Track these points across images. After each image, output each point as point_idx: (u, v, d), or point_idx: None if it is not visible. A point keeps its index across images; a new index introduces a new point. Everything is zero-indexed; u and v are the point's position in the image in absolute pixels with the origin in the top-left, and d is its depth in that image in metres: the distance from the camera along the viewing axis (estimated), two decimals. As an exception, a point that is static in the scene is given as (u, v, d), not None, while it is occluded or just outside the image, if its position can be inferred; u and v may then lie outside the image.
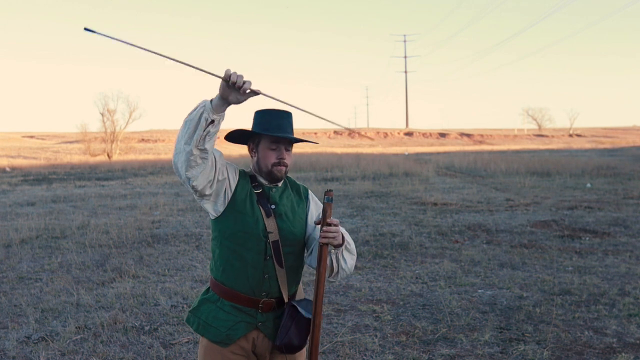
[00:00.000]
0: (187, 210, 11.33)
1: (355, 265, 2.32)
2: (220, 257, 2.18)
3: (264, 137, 2.17)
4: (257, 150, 2.20)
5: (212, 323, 2.16)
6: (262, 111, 2.20)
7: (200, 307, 2.21)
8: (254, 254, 2.13)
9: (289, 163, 2.19)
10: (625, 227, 8.91)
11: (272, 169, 2.16)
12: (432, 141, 75.39)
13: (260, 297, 2.15)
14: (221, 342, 2.14)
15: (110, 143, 40.65)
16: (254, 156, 2.22)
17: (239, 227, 2.12)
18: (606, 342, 4.22)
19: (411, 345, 4.20)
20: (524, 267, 6.47)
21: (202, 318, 2.19)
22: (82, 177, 21.90)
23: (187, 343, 4.28)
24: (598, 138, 74.91)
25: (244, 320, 2.15)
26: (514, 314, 4.85)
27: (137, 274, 6.28)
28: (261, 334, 2.17)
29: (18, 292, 5.67)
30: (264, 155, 2.17)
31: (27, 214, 10.99)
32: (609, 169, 20.55)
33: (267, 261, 2.14)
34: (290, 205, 2.23)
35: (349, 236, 2.23)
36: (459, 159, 28.38)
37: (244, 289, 2.14)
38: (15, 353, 4.11)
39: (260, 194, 2.18)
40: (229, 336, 2.13)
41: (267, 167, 2.16)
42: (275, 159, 2.16)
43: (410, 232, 8.62)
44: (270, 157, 2.16)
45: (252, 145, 2.22)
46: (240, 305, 2.14)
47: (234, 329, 2.14)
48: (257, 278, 2.13)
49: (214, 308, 2.17)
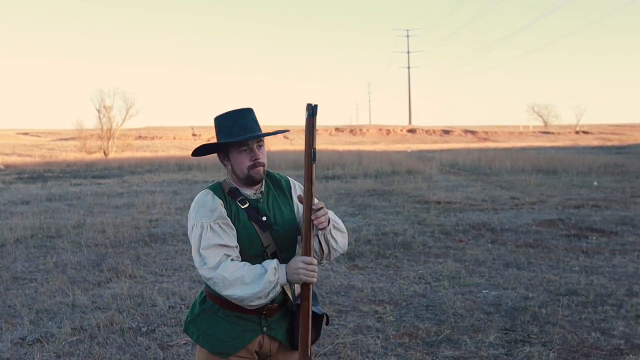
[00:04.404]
0: (185, 209, 11.25)
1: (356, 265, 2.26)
2: None
3: (231, 143, 2.07)
4: (229, 157, 2.11)
5: (213, 334, 2.09)
6: (221, 116, 2.10)
7: (200, 318, 2.14)
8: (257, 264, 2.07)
9: (264, 162, 2.10)
10: (633, 226, 8.80)
11: (250, 173, 2.07)
12: (435, 138, 75.29)
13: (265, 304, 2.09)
14: (223, 352, 2.08)
15: (106, 140, 40.16)
16: (227, 165, 2.13)
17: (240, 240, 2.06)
18: (613, 343, 4.14)
19: (414, 347, 4.13)
20: (530, 267, 6.38)
21: (202, 329, 2.12)
22: (77, 175, 21.81)
23: (185, 345, 4.22)
24: (605, 135, 74.58)
25: (249, 329, 2.10)
26: (519, 315, 4.76)
27: (134, 274, 6.21)
28: (266, 336, 2.13)
29: (12, 292, 5.61)
30: (236, 161, 2.08)
31: (22, 213, 10.90)
32: (616, 166, 20.41)
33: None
34: (278, 209, 2.15)
35: (334, 214, 2.17)
36: (462, 157, 28.26)
37: None
38: (9, 355, 4.06)
39: (249, 209, 2.09)
40: (233, 346, 2.08)
41: (244, 172, 2.08)
42: (250, 161, 2.06)
43: (413, 232, 8.53)
44: (244, 161, 2.07)
45: (222, 155, 2.14)
46: (244, 314, 2.08)
47: (239, 339, 2.09)
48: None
49: (216, 319, 2.10)
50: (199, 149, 2.15)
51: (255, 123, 2.10)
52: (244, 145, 2.07)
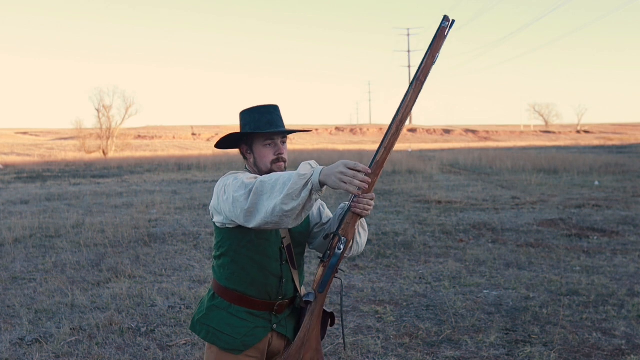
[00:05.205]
0: (184, 209, 11.25)
1: (357, 265, 2.24)
2: (234, 265, 2.08)
3: (257, 136, 2.09)
4: (252, 150, 2.12)
5: (225, 330, 2.07)
6: (248, 110, 2.12)
7: (210, 314, 2.11)
8: (273, 260, 2.08)
9: (286, 158, 2.12)
10: (634, 226, 8.78)
11: (272, 167, 2.09)
12: (436, 138, 75.28)
13: (276, 300, 2.10)
14: (235, 349, 2.06)
15: (106, 139, 40.03)
16: (250, 157, 2.14)
17: (260, 234, 2.04)
18: (615, 344, 4.12)
19: (415, 347, 4.11)
20: (531, 267, 6.36)
21: (212, 325, 2.09)
22: (77, 175, 21.77)
23: (185, 345, 4.20)
24: (606, 134, 74.51)
25: (260, 326, 2.09)
26: (520, 315, 4.74)
27: (133, 274, 6.18)
28: (275, 333, 2.13)
29: (11, 292, 5.58)
30: (260, 154, 2.10)
31: (21, 213, 10.88)
32: (617, 166, 20.38)
33: (283, 266, 2.10)
34: None
35: None
36: (463, 156, 28.24)
37: (260, 294, 2.08)
38: (8, 355, 4.03)
39: None
40: (244, 343, 2.07)
41: (267, 166, 2.09)
42: (274, 155, 2.09)
43: (414, 231, 8.51)
44: (268, 154, 2.09)
45: (246, 147, 2.14)
46: (255, 311, 2.08)
47: (251, 335, 2.07)
48: (275, 284, 2.09)
49: (226, 315, 2.09)
50: (224, 139, 2.15)
51: (281, 120, 2.13)
52: (269, 139, 2.09)
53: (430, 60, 1.88)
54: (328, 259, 1.98)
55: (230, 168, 24.16)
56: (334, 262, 1.97)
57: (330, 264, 1.98)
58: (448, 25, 1.89)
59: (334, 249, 1.97)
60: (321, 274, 1.99)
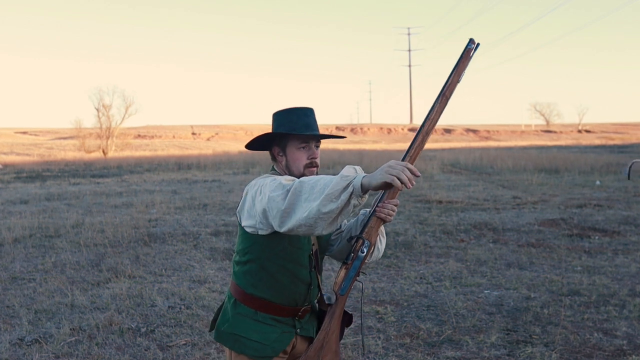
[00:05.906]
0: (184, 209, 11.24)
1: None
2: (263, 272, 2.04)
3: (291, 138, 2.05)
4: (285, 153, 2.08)
5: (254, 338, 2.05)
6: (284, 111, 2.08)
7: (236, 323, 2.07)
8: (303, 268, 2.07)
9: (319, 163, 2.10)
10: (635, 226, 8.76)
11: (304, 172, 2.05)
12: (436, 137, 75.21)
13: (302, 306, 2.10)
14: (265, 356, 2.05)
15: (105, 139, 39.87)
16: (282, 160, 2.10)
17: (293, 242, 2.02)
18: (616, 344, 4.11)
19: (415, 348, 4.10)
20: (532, 267, 6.34)
21: (240, 334, 2.06)
22: (76, 175, 21.76)
23: (185, 345, 4.19)
24: (608, 134, 74.44)
25: (285, 331, 2.09)
26: (521, 315, 4.73)
27: (133, 274, 6.17)
28: (299, 336, 2.13)
29: (11, 292, 5.57)
30: (293, 157, 2.06)
31: (20, 212, 10.86)
32: (619, 165, 20.34)
33: (312, 273, 2.09)
34: None
35: None
36: (464, 156, 28.23)
37: (287, 301, 2.07)
38: (7, 355, 4.03)
39: None
40: (273, 349, 2.05)
41: (300, 170, 2.06)
42: (307, 159, 2.06)
43: (415, 231, 8.49)
44: (301, 158, 2.06)
45: (278, 149, 2.10)
46: (280, 317, 2.07)
47: (279, 341, 2.07)
48: (304, 291, 2.08)
49: (253, 322, 2.06)
50: (258, 139, 2.11)
51: (316, 124, 2.10)
52: (304, 142, 2.06)
53: (456, 79, 1.95)
54: (351, 262, 1.97)
55: (230, 168, 24.15)
56: (356, 265, 1.96)
57: (353, 267, 1.97)
58: (473, 47, 1.95)
59: (357, 252, 1.96)
60: (343, 276, 1.98)
